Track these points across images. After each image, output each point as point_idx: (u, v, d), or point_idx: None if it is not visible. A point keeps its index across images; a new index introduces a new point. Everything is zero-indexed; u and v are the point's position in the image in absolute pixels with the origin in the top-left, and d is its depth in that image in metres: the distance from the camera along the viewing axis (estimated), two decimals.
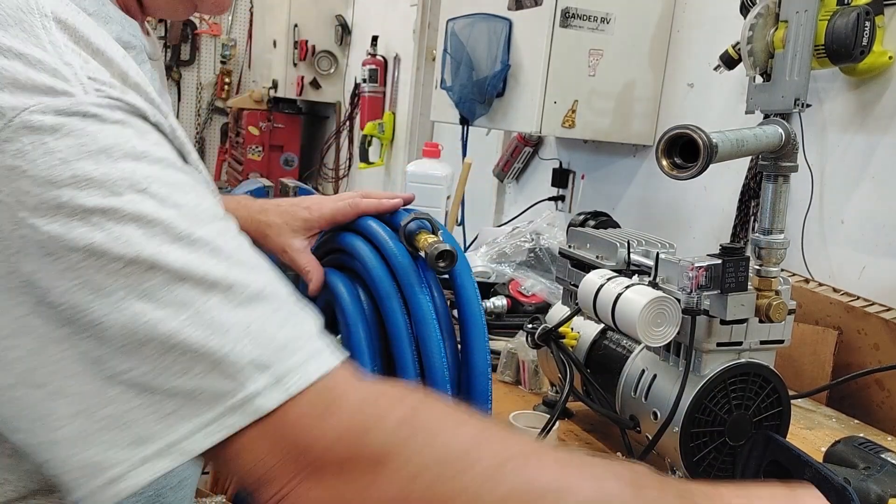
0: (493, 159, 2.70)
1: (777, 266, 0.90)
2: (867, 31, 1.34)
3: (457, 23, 2.20)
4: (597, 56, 1.94)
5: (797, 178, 1.21)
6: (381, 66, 3.90)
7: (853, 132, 1.51)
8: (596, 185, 2.30)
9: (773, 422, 0.92)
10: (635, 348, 1.01)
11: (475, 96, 2.10)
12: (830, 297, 1.37)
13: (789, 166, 0.89)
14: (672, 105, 2.00)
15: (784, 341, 0.93)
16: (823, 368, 1.32)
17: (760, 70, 1.47)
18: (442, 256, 0.83)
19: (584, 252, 1.09)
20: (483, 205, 2.80)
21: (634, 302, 0.86)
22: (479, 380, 0.83)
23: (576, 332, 1.11)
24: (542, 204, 2.42)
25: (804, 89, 1.41)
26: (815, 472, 0.80)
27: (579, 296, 0.96)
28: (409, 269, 0.84)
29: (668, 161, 0.82)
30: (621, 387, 1.00)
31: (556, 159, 2.44)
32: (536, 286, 1.47)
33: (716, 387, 0.90)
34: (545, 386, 1.27)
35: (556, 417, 0.99)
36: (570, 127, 1.95)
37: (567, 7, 1.88)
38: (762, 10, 1.45)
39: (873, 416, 1.27)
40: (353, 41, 4.51)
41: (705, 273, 0.87)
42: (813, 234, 1.57)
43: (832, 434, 1.14)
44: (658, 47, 2.00)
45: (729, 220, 1.73)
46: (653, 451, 0.94)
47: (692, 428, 0.90)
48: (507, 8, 2.03)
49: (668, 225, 1.99)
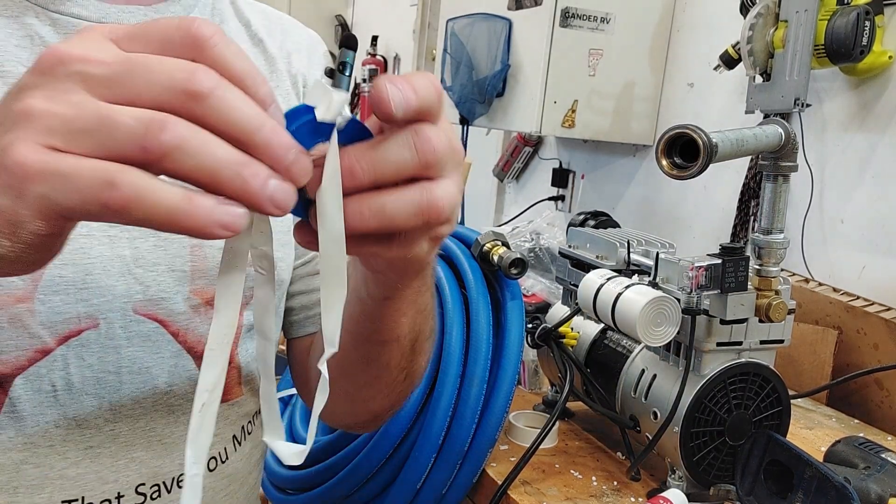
0: (493, 159, 2.70)
1: (777, 266, 0.90)
2: (867, 31, 1.34)
3: (457, 23, 2.20)
4: (597, 56, 1.94)
5: (797, 177, 1.21)
6: (381, 66, 3.90)
7: (853, 132, 1.51)
8: (596, 185, 2.30)
9: (773, 421, 0.93)
10: (635, 348, 1.01)
11: (475, 96, 2.10)
12: (830, 297, 1.37)
13: (789, 166, 0.89)
14: (672, 105, 2.00)
15: (784, 341, 0.93)
16: (823, 368, 1.32)
17: (760, 70, 1.47)
18: (514, 264, 0.98)
19: (584, 252, 1.09)
20: (483, 204, 2.80)
21: (634, 302, 0.86)
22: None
23: (576, 332, 1.11)
24: (542, 204, 2.42)
25: (804, 89, 1.41)
26: (816, 472, 0.80)
27: (579, 296, 0.96)
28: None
29: (668, 161, 0.82)
30: (621, 387, 1.00)
31: (556, 159, 2.44)
32: (536, 286, 1.46)
33: (716, 386, 0.90)
34: (545, 386, 1.27)
35: (556, 417, 0.99)
36: (570, 127, 1.95)
37: (567, 7, 1.88)
38: (762, 10, 1.45)
39: (873, 415, 1.27)
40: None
41: (705, 273, 0.87)
42: (813, 233, 1.57)
43: (832, 434, 1.14)
44: (658, 47, 2.00)
45: (729, 220, 1.73)
46: (653, 451, 0.94)
47: (692, 428, 0.90)
48: (507, 8, 2.03)
49: (668, 225, 1.99)
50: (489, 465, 0.98)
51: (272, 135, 0.35)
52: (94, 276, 0.56)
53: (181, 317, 0.60)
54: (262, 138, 0.34)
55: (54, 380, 0.56)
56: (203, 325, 0.61)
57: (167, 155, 0.33)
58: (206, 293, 0.61)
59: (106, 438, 0.59)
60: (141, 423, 0.60)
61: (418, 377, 0.67)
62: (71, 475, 0.57)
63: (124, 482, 0.59)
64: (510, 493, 0.92)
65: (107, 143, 0.33)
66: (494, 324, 0.99)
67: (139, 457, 0.60)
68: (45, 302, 0.54)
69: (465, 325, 0.98)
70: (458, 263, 1.05)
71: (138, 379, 0.59)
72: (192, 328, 0.61)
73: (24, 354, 0.54)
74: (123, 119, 0.33)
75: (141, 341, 0.59)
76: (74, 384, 0.56)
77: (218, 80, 0.34)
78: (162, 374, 0.60)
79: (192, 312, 0.60)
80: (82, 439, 0.57)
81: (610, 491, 0.94)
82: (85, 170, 0.33)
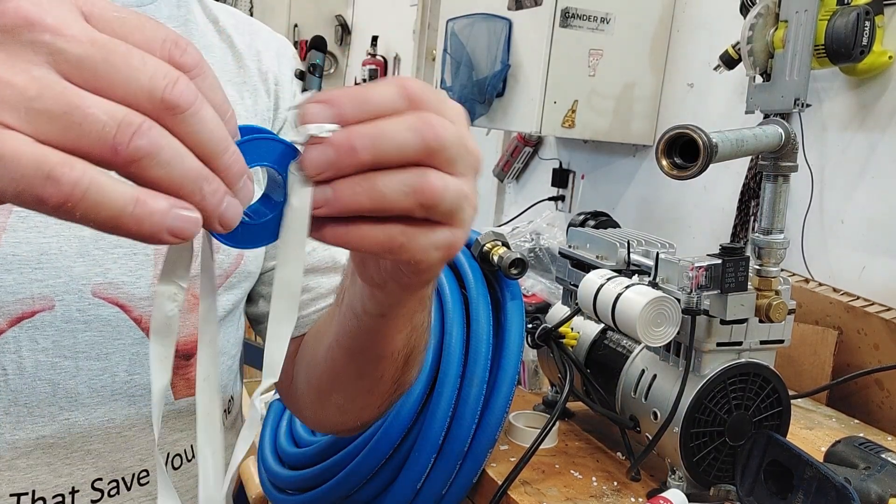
0: (493, 159, 2.70)
1: (777, 266, 0.90)
2: (867, 31, 1.34)
3: (457, 23, 2.20)
4: (597, 56, 1.94)
5: (797, 178, 1.21)
6: (381, 67, 3.90)
7: (853, 132, 1.51)
8: (596, 185, 2.30)
9: (773, 422, 0.92)
10: (635, 348, 1.01)
11: (475, 96, 2.10)
12: (830, 297, 1.37)
13: (789, 166, 0.89)
14: (672, 105, 2.00)
15: (784, 341, 0.93)
16: (823, 368, 1.32)
17: (760, 70, 1.47)
18: (514, 264, 0.98)
19: (584, 252, 1.09)
20: (483, 205, 2.80)
21: (634, 302, 0.86)
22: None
23: (576, 332, 1.11)
24: (542, 204, 2.42)
25: (804, 89, 1.41)
26: (816, 472, 0.80)
27: (579, 296, 0.96)
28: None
29: (668, 161, 0.82)
30: (621, 387, 1.00)
31: (556, 159, 2.44)
32: (536, 286, 1.46)
33: (716, 387, 0.90)
34: (545, 386, 1.27)
35: (556, 417, 0.99)
36: (570, 127, 1.95)
37: (567, 7, 1.88)
38: (762, 10, 1.45)
39: (873, 416, 1.27)
40: (353, 41, 4.51)
41: (705, 273, 0.87)
42: (813, 234, 1.57)
43: (832, 434, 1.14)
44: (658, 47, 2.00)
45: (729, 220, 1.73)
46: (653, 451, 0.94)
47: (692, 428, 0.90)
48: (507, 8, 2.03)
49: (668, 225, 1.99)
50: (489, 466, 0.98)
51: (235, 158, 0.34)
52: (50, 255, 0.54)
53: (144, 302, 0.58)
54: (224, 161, 0.33)
55: (5, 363, 0.53)
56: None
57: (136, 160, 0.30)
58: None
59: (60, 428, 0.56)
60: (98, 412, 0.57)
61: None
62: (21, 466, 0.54)
63: (79, 476, 0.57)
64: (510, 493, 0.92)
65: (70, 133, 0.29)
66: (494, 324, 0.99)
67: (96, 449, 0.57)
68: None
69: (465, 325, 0.98)
70: (458, 263, 1.05)
71: (96, 366, 0.57)
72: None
73: None
74: (94, 112, 0.30)
75: (100, 326, 0.56)
76: (26, 368, 0.54)
77: (197, 94, 0.32)
78: (122, 362, 0.58)
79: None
80: (34, 428, 0.55)
81: (610, 491, 0.94)
82: (25, 156, 0.29)
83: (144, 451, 0.60)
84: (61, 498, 0.56)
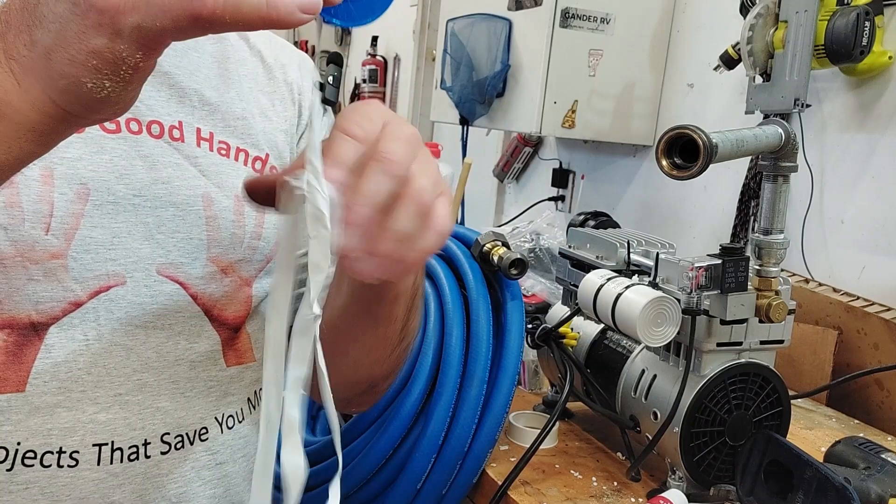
0: (493, 159, 2.70)
1: (777, 266, 0.90)
2: (867, 31, 1.34)
3: (457, 23, 2.20)
4: (597, 56, 1.94)
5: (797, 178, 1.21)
6: (381, 67, 3.89)
7: (853, 132, 1.51)
8: (596, 186, 2.30)
9: (773, 422, 0.93)
10: (635, 348, 1.01)
11: (475, 96, 2.10)
12: (830, 297, 1.37)
13: (789, 166, 0.89)
14: (672, 105, 2.00)
15: (784, 341, 0.93)
16: (823, 368, 1.32)
17: (760, 70, 1.47)
18: (514, 265, 0.99)
19: (584, 252, 1.09)
20: (483, 205, 2.79)
21: (634, 302, 0.86)
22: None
23: (576, 332, 1.11)
24: (542, 204, 2.42)
25: (804, 89, 1.41)
26: (816, 472, 0.80)
27: (579, 296, 0.96)
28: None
29: (668, 161, 0.82)
30: (621, 387, 1.00)
31: (556, 159, 2.43)
32: (536, 286, 1.46)
33: (716, 387, 0.90)
34: (545, 386, 1.27)
35: (556, 417, 0.99)
36: (570, 127, 1.95)
37: (567, 7, 1.88)
38: (762, 10, 1.45)
39: (873, 416, 1.27)
40: (353, 41, 4.51)
41: (705, 273, 0.87)
42: (813, 234, 1.57)
43: (832, 434, 1.14)
44: (658, 47, 2.00)
45: (729, 220, 1.73)
46: (653, 452, 0.94)
47: (692, 428, 0.90)
48: (507, 8, 2.03)
49: (668, 225, 1.99)
50: (489, 466, 0.98)
51: None
52: (121, 238, 0.61)
53: (199, 281, 0.65)
54: None
55: (86, 330, 0.60)
56: (218, 291, 0.66)
57: None
58: (221, 261, 0.66)
59: (134, 387, 0.63)
60: (165, 375, 0.64)
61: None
62: (101, 420, 0.61)
63: (150, 430, 0.63)
64: (510, 493, 0.92)
65: None
66: (494, 324, 0.99)
67: (164, 407, 0.64)
68: (77, 259, 0.59)
69: (465, 326, 0.98)
70: (459, 264, 1.05)
71: (162, 335, 0.64)
72: (209, 292, 0.66)
73: (59, 306, 0.59)
74: None
75: (164, 300, 0.64)
76: (104, 335, 0.61)
77: None
78: (183, 332, 0.65)
79: (208, 278, 0.66)
80: (112, 387, 0.62)
81: (610, 491, 0.94)
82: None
83: (203, 411, 0.67)
84: (136, 448, 0.63)
